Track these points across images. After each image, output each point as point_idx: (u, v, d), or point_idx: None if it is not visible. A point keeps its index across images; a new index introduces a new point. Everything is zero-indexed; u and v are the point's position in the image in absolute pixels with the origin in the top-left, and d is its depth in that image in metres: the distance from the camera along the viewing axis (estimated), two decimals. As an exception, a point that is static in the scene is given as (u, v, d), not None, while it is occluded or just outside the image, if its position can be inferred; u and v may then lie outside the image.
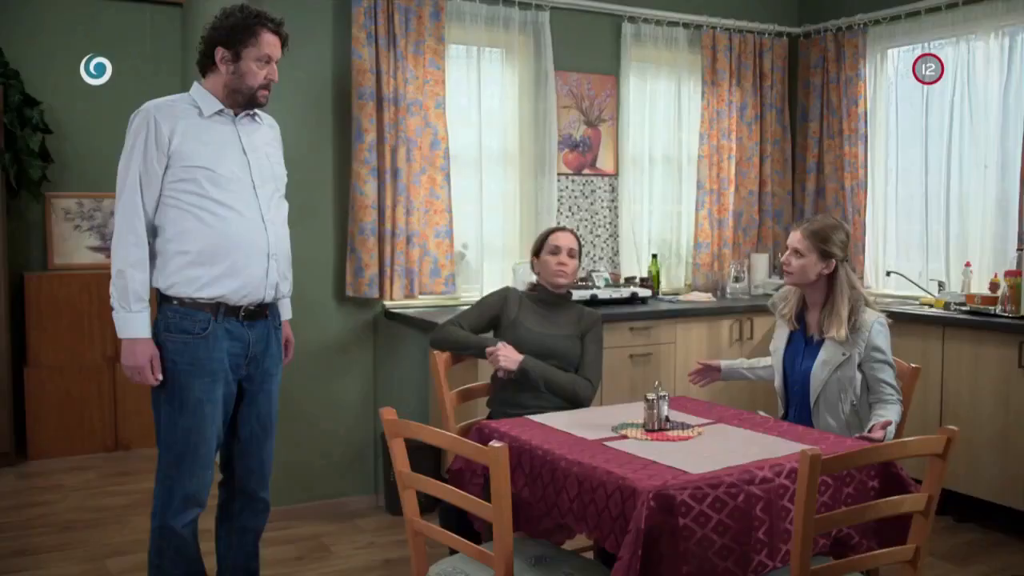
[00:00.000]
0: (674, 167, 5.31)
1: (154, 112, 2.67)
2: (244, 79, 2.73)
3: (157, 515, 2.77)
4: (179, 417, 2.72)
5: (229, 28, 2.70)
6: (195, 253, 2.69)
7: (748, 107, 5.39)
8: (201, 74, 2.81)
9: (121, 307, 2.64)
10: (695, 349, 4.71)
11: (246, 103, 2.80)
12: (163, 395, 2.73)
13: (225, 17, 2.72)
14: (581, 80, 4.99)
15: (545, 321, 3.34)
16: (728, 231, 5.36)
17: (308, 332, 4.30)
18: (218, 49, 2.73)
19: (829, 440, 2.62)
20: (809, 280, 3.08)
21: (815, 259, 3.05)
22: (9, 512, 4.43)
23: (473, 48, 4.67)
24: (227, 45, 2.71)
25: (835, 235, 3.06)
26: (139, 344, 2.65)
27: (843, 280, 3.06)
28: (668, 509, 2.13)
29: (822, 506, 2.36)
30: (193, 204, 2.68)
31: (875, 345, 3.01)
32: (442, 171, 4.48)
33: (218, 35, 2.72)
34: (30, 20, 5.51)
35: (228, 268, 2.72)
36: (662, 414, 2.68)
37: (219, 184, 2.71)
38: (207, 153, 2.71)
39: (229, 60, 2.73)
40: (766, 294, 5.28)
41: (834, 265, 3.05)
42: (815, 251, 3.04)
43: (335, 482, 4.43)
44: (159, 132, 2.64)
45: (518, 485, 2.58)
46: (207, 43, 2.75)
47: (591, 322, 3.38)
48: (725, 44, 5.28)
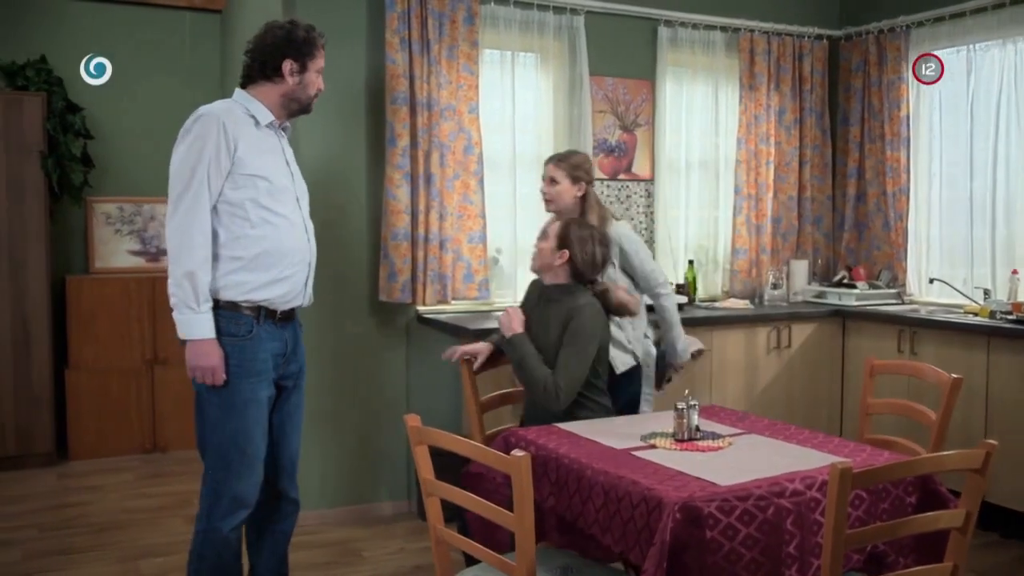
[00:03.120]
0: (711, 172, 5.24)
1: (222, 117, 2.71)
2: (307, 89, 2.90)
3: (203, 518, 2.78)
4: (227, 419, 2.75)
5: (300, 41, 2.85)
6: (248, 259, 2.74)
7: (787, 111, 5.31)
8: (249, 82, 2.87)
9: (189, 308, 2.64)
10: (731, 357, 4.64)
11: (300, 111, 2.95)
12: (212, 397, 2.75)
13: (292, 31, 2.85)
14: (616, 85, 4.95)
15: (541, 317, 3.15)
16: (766, 237, 5.28)
17: (341, 337, 4.31)
18: (287, 61, 2.84)
19: (864, 453, 2.56)
20: (567, 203, 3.54)
21: (568, 184, 3.52)
22: (48, 512, 4.50)
23: (507, 53, 4.65)
24: (296, 57, 2.84)
25: (583, 162, 3.56)
26: (208, 344, 2.67)
27: (592, 200, 3.55)
28: (695, 521, 2.08)
29: (856, 520, 2.30)
30: (250, 211, 2.74)
31: (624, 247, 3.51)
32: (475, 176, 4.47)
33: (288, 48, 2.84)
34: (72, 27, 5.60)
35: (277, 274, 2.79)
36: (692, 424, 2.64)
37: (273, 194, 2.79)
38: (264, 163, 2.79)
39: (296, 71, 2.85)
40: (806, 301, 5.20)
41: (584, 188, 3.52)
42: (568, 177, 3.52)
43: (367, 487, 4.43)
44: (227, 138, 2.69)
45: (544, 494, 2.54)
46: (272, 54, 2.82)
47: (567, 317, 3.01)
48: (763, 47, 5.21)
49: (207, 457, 2.79)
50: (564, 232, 3.13)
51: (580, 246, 3.09)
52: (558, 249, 3.11)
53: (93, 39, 5.64)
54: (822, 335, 4.92)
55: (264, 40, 2.84)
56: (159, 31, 5.82)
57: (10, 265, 5.12)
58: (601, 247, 3.14)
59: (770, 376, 4.77)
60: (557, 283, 3.14)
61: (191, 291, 2.64)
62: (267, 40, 2.84)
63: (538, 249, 3.19)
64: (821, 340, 4.92)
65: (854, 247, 5.45)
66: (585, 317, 3.00)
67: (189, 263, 2.64)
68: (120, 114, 5.69)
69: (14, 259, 5.13)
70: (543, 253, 3.15)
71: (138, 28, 5.77)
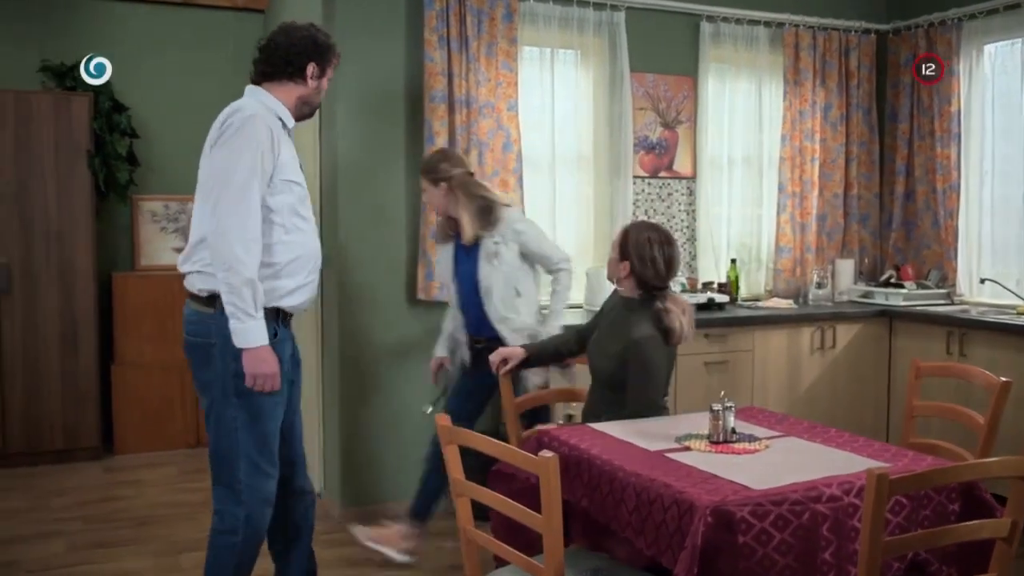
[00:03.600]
0: (754, 169, 5.15)
1: (268, 120, 2.68)
2: (320, 94, 2.90)
3: (241, 526, 2.74)
4: (257, 424, 2.73)
5: (326, 47, 2.85)
6: (281, 265, 2.71)
7: (833, 107, 5.20)
8: (267, 79, 2.81)
9: (249, 315, 2.57)
10: (773, 357, 4.56)
11: (308, 116, 2.93)
12: (243, 403, 2.70)
13: (315, 34, 2.84)
14: (657, 81, 4.89)
15: (611, 325, 3.10)
16: (811, 235, 5.18)
17: (379, 335, 4.31)
18: (311, 64, 2.82)
19: (906, 458, 2.48)
20: (444, 205, 3.65)
21: (433, 188, 3.64)
22: (92, 505, 4.57)
23: (546, 50, 4.61)
24: (318, 61, 2.83)
25: (436, 162, 3.65)
26: (266, 351, 2.62)
27: (461, 193, 3.60)
28: (727, 526, 2.04)
29: (896, 527, 2.23)
30: (286, 217, 2.71)
31: (516, 229, 3.59)
32: (514, 174, 4.44)
33: (314, 51, 2.82)
34: (118, 28, 5.69)
35: (303, 280, 2.79)
36: (728, 426, 2.58)
37: (303, 199, 2.78)
38: (295, 167, 2.78)
39: (316, 75, 2.84)
40: (851, 301, 5.09)
41: (446, 186, 3.60)
42: (429, 182, 3.64)
43: (407, 485, 4.41)
44: (273, 142, 2.66)
45: (577, 495, 2.51)
46: (299, 55, 2.79)
47: (625, 349, 2.93)
48: (808, 42, 5.11)
49: (239, 464, 2.72)
50: (623, 241, 3.02)
51: (638, 254, 2.97)
52: (620, 260, 3.02)
53: (139, 39, 5.72)
54: (868, 336, 4.81)
55: (290, 39, 2.80)
56: (203, 31, 5.89)
57: (59, 263, 5.21)
58: (663, 249, 2.98)
59: (813, 377, 4.68)
60: (629, 296, 3.05)
61: (251, 299, 2.57)
62: (293, 40, 2.79)
63: (608, 260, 3.12)
64: (867, 341, 4.81)
65: (902, 246, 5.32)
66: (644, 354, 2.89)
67: (249, 270, 2.56)
68: (165, 114, 5.76)
69: (63, 257, 5.22)
70: (611, 265, 3.09)
71: (182, 28, 5.85)
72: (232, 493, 2.74)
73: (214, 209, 2.59)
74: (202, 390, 2.75)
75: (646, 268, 2.96)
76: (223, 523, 2.76)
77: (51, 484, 4.89)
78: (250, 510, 2.74)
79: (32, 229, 5.15)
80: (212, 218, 2.59)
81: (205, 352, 2.70)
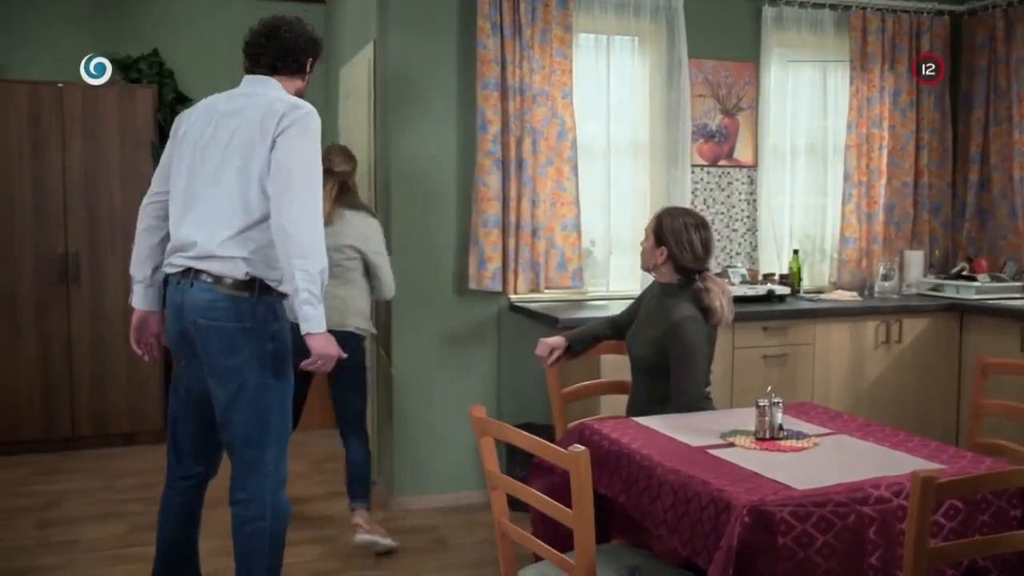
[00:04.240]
0: (818, 157, 5.00)
1: None
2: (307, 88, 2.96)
3: (281, 510, 2.79)
4: (287, 404, 2.78)
5: (321, 43, 2.97)
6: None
7: (903, 93, 5.00)
8: (274, 72, 2.85)
9: (320, 302, 2.62)
10: (835, 351, 4.41)
11: None
12: (278, 386, 2.74)
13: (312, 30, 2.93)
14: (717, 68, 4.77)
15: (651, 313, 3.07)
16: (878, 225, 5.00)
17: (429, 325, 4.31)
18: (310, 59, 2.91)
19: (964, 459, 2.36)
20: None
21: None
22: (154, 487, 4.61)
23: (602, 37, 4.54)
24: (315, 57, 2.94)
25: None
26: (327, 335, 2.68)
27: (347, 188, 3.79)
28: (765, 526, 1.96)
29: (950, 533, 2.13)
30: None
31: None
32: (569, 162, 4.39)
33: (314, 47, 2.92)
34: (182, 21, 5.79)
35: None
36: (775, 422, 2.50)
37: None
38: None
39: (310, 70, 2.94)
40: (920, 294, 4.91)
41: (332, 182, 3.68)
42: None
43: (456, 476, 4.43)
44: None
45: (615, 490, 2.46)
46: (304, 50, 2.87)
47: (665, 332, 2.90)
48: (877, 26, 4.92)
49: (270, 449, 2.74)
50: (657, 227, 3.02)
51: (675, 239, 2.96)
52: (656, 247, 3.01)
53: (203, 31, 5.81)
54: (937, 330, 4.62)
55: (295, 35, 2.85)
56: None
57: (124, 252, 5.30)
58: (699, 232, 2.98)
59: (877, 373, 4.51)
60: (667, 282, 3.03)
61: (320, 287, 2.62)
62: (297, 35, 2.85)
63: (642, 249, 3.10)
64: (935, 336, 4.62)
65: (976, 236, 5.11)
66: (685, 336, 2.85)
67: (323, 259, 2.61)
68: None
69: (128, 247, 5.27)
70: (646, 253, 3.07)
71: (245, 19, 5.87)
72: (259, 478, 2.73)
73: (291, 198, 2.58)
74: (223, 376, 2.68)
75: (684, 252, 2.95)
76: (250, 510, 2.76)
77: (116, 467, 5.02)
78: (276, 494, 2.77)
79: (99, 219, 5.28)
80: (284, 206, 2.57)
81: (234, 336, 2.67)
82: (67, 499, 4.49)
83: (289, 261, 2.57)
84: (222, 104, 2.78)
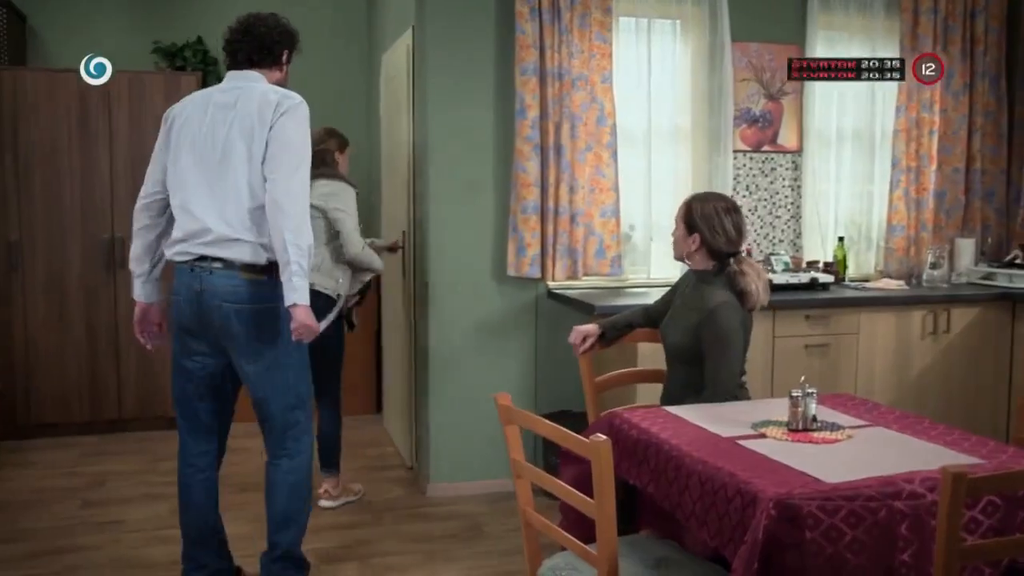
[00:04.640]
0: (865, 143, 4.87)
1: None
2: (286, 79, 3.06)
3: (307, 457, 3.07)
4: (306, 368, 3.05)
5: (296, 34, 3.08)
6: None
7: (955, 75, 4.84)
8: (253, 66, 2.95)
9: (306, 276, 2.77)
10: (880, 341, 4.31)
11: None
12: (295, 353, 2.96)
13: (287, 23, 3.04)
14: (761, 51, 4.67)
15: (685, 305, 3.03)
16: (927, 213, 4.86)
17: (467, 311, 4.30)
18: (285, 52, 3.04)
19: (1005, 454, 2.28)
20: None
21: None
22: (197, 471, 4.74)
23: (643, 20, 4.47)
24: (291, 49, 3.06)
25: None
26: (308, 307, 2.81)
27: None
28: (793, 520, 1.91)
29: (989, 530, 2.06)
30: None
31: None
32: (608, 148, 4.34)
33: (289, 39, 3.04)
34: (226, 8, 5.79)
35: None
36: (808, 413, 2.44)
37: None
38: None
39: (286, 62, 3.06)
40: (970, 283, 4.77)
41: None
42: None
43: (493, 463, 4.41)
44: None
45: (644, 480, 2.42)
46: (279, 42, 3.00)
47: (700, 318, 2.87)
48: (929, 6, 4.76)
49: (306, 406, 3.03)
50: (687, 214, 2.98)
51: (707, 224, 2.93)
52: (688, 235, 2.97)
53: (246, 19, 5.85)
54: (987, 320, 4.48)
55: (269, 28, 2.96)
56: (306, 12, 5.96)
57: (168, 236, 5.41)
58: (731, 216, 2.95)
59: (925, 364, 4.39)
60: (702, 269, 2.99)
61: (308, 260, 2.77)
62: (271, 28, 2.96)
63: (674, 239, 3.07)
64: (986, 326, 4.48)
65: (1031, 224, 4.94)
66: (721, 321, 2.82)
67: (310, 235, 2.78)
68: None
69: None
70: (678, 242, 3.03)
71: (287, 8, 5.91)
72: (298, 434, 3.01)
73: (285, 175, 2.76)
74: (256, 355, 2.90)
75: (717, 237, 2.92)
76: (293, 460, 3.04)
77: (160, 449, 5.10)
78: (311, 451, 3.12)
79: (145, 204, 5.36)
80: (279, 182, 2.75)
81: (268, 316, 2.87)
82: (111, 480, 4.59)
83: (282, 235, 2.72)
84: (216, 96, 2.90)
